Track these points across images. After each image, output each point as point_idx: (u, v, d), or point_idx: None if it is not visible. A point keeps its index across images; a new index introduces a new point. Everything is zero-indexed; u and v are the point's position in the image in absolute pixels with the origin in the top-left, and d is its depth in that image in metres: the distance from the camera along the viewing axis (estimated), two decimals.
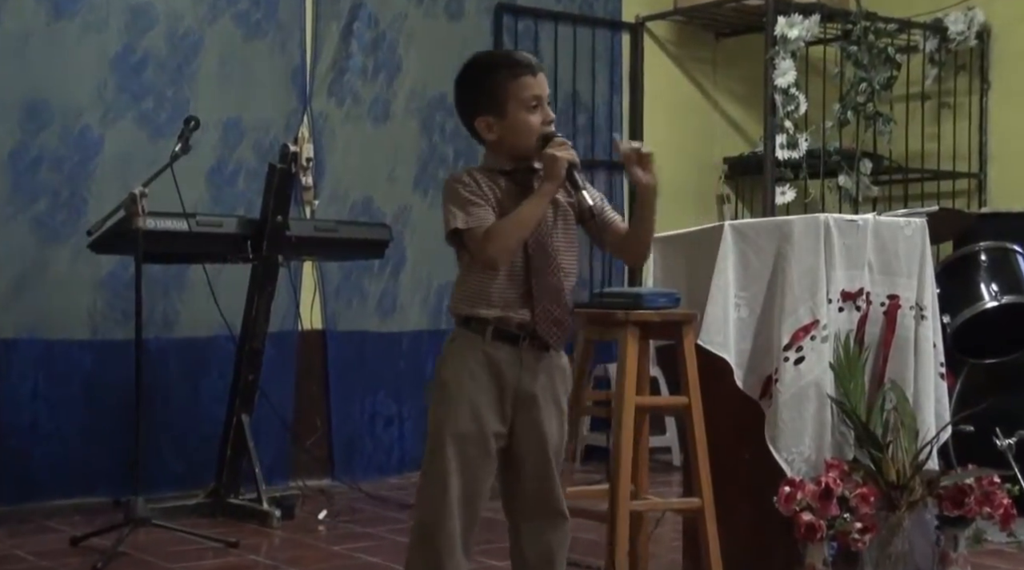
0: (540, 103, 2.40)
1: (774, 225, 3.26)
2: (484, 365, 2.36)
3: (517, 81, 2.38)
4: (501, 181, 2.41)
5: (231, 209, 4.44)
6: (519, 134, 2.38)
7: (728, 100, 6.03)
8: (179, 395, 4.43)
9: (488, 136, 2.41)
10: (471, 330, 2.38)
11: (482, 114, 2.40)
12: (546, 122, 2.40)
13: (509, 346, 2.37)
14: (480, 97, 2.41)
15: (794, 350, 3.11)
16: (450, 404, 2.35)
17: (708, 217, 5.70)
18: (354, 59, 4.90)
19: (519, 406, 2.39)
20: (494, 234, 2.32)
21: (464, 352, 2.37)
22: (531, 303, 2.36)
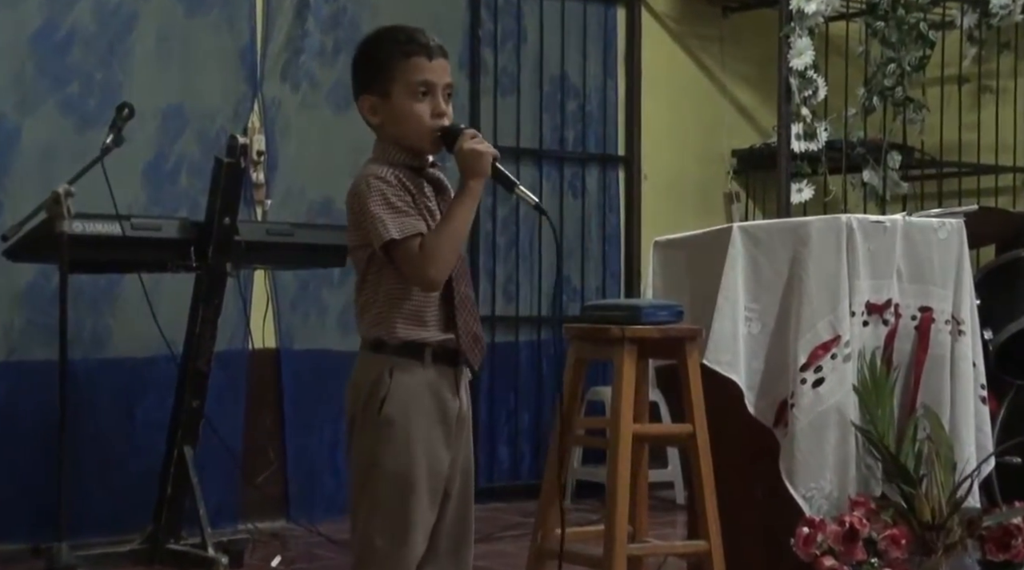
0: (432, 92, 2.38)
1: (789, 227, 3.27)
2: (430, 395, 2.37)
3: (408, 61, 2.37)
4: (413, 175, 2.40)
5: (171, 210, 4.42)
6: (402, 123, 2.37)
7: (737, 84, 6.03)
8: (111, 424, 4.40)
9: (372, 119, 2.40)
10: (408, 356, 2.36)
11: (366, 92, 2.39)
12: (436, 115, 2.38)
13: (446, 368, 2.38)
14: (367, 73, 2.40)
15: (812, 371, 3.12)
16: (404, 446, 2.34)
17: (714, 218, 5.70)
18: (311, 37, 4.88)
19: (457, 435, 2.42)
20: (433, 249, 2.32)
21: (407, 382, 2.34)
22: (454, 320, 2.38)
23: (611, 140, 5.68)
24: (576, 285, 5.54)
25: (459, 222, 2.35)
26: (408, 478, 2.34)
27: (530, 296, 5.43)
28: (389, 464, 2.34)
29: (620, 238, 5.68)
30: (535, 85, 5.47)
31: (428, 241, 2.32)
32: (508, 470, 5.34)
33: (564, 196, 5.54)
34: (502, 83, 5.39)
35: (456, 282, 2.38)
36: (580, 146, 5.57)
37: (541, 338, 5.43)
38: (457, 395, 2.40)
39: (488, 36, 5.32)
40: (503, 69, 5.39)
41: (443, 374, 2.37)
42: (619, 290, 5.63)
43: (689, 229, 3.53)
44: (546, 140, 5.50)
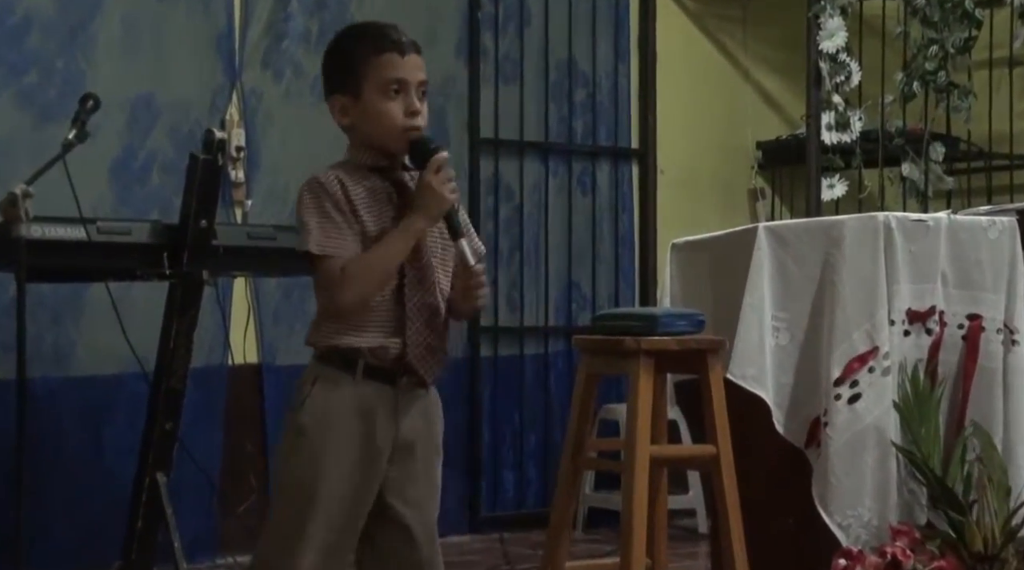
0: (404, 90, 2.45)
1: (820, 227, 3.27)
2: (354, 411, 2.42)
3: (379, 58, 2.45)
4: (370, 180, 2.47)
5: (142, 212, 4.42)
6: (373, 122, 2.45)
7: (762, 70, 6.02)
8: (75, 449, 4.39)
9: (342, 120, 2.49)
10: (335, 366, 2.42)
11: (336, 93, 2.48)
12: (409, 113, 2.45)
13: (384, 385, 2.43)
14: (337, 73, 2.49)
15: (848, 386, 3.12)
16: (311, 458, 2.41)
17: (738, 218, 5.69)
18: (294, 21, 4.88)
19: (396, 460, 2.45)
20: (352, 277, 2.39)
21: (328, 395, 2.42)
22: (403, 328, 2.42)
23: (623, 132, 5.67)
24: (586, 292, 5.53)
25: (390, 255, 2.41)
26: (308, 491, 2.39)
27: (536, 305, 5.42)
28: (292, 473, 2.43)
29: (634, 240, 5.67)
30: (540, 72, 5.46)
31: (351, 266, 2.39)
32: (513, 497, 5.33)
33: (572, 194, 5.53)
34: (504, 70, 5.38)
35: (409, 288, 2.43)
36: (590, 139, 5.56)
37: (549, 351, 5.43)
38: (394, 420, 2.43)
39: (488, 19, 5.32)
40: (505, 55, 5.39)
41: (377, 391, 2.42)
42: (633, 297, 5.63)
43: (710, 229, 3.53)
44: (552, 132, 5.49)
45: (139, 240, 3.93)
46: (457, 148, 5.24)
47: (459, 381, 5.19)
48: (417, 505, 2.48)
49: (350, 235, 2.41)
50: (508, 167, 5.40)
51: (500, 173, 5.35)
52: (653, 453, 3.05)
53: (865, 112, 5.22)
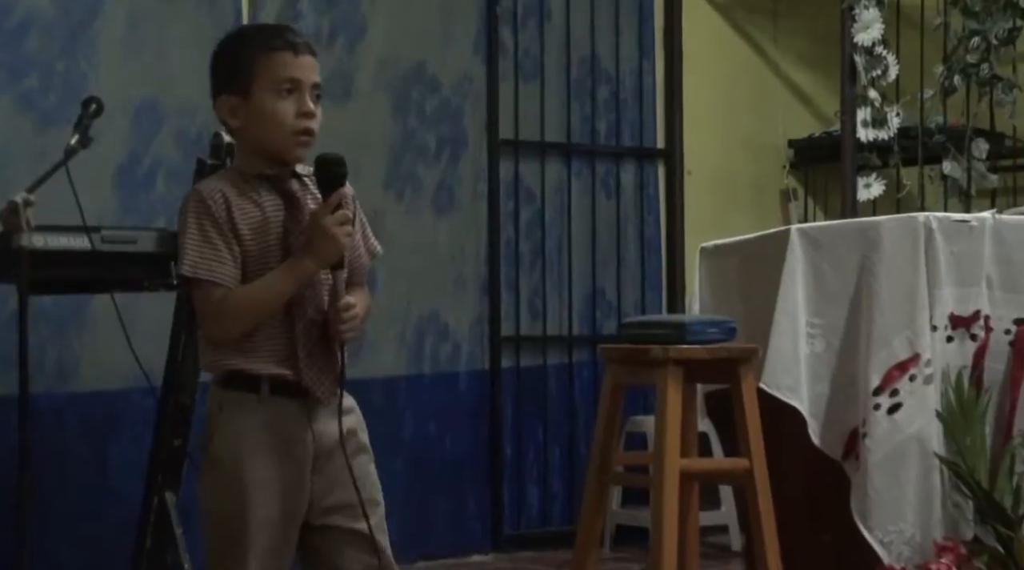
0: (298, 90, 2.44)
1: (857, 229, 3.26)
2: (267, 431, 2.42)
3: (270, 56, 2.44)
4: (261, 190, 2.46)
5: (148, 220, 4.43)
6: (264, 123, 2.44)
7: (794, 64, 6.01)
8: (80, 467, 4.40)
9: (231, 122, 2.48)
10: (239, 389, 2.42)
11: (225, 92, 2.48)
12: (302, 115, 2.44)
13: (291, 402, 2.43)
14: (225, 71, 2.48)
15: (887, 395, 3.11)
16: (234, 489, 2.41)
17: (769, 220, 5.68)
18: (304, 19, 4.89)
19: (318, 469, 2.46)
20: (227, 313, 2.39)
21: (236, 420, 2.42)
22: (294, 352, 2.41)
23: (649, 131, 5.66)
24: (611, 299, 5.52)
25: (273, 295, 2.39)
26: (240, 522, 2.40)
27: (559, 313, 5.41)
28: (216, 509, 2.43)
29: (661, 244, 5.67)
30: (561, 69, 5.46)
31: (231, 299, 2.39)
32: (538, 514, 5.32)
33: (596, 196, 5.52)
34: (524, 67, 5.38)
35: (297, 309, 2.41)
36: (614, 139, 5.56)
37: (573, 361, 5.42)
38: (310, 426, 2.43)
39: (507, 14, 5.32)
40: (525, 51, 5.39)
41: (286, 407, 2.42)
42: (661, 304, 5.62)
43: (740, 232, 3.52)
44: (575, 132, 5.48)
45: (145, 249, 3.93)
46: (475, 149, 5.24)
47: (480, 393, 5.19)
48: (348, 509, 2.46)
49: (229, 259, 2.40)
50: (529, 169, 5.40)
51: (520, 175, 5.35)
52: (683, 467, 3.04)
53: (903, 107, 5.20)
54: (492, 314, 5.20)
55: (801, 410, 3.16)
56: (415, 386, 4.99)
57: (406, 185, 5.05)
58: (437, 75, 5.16)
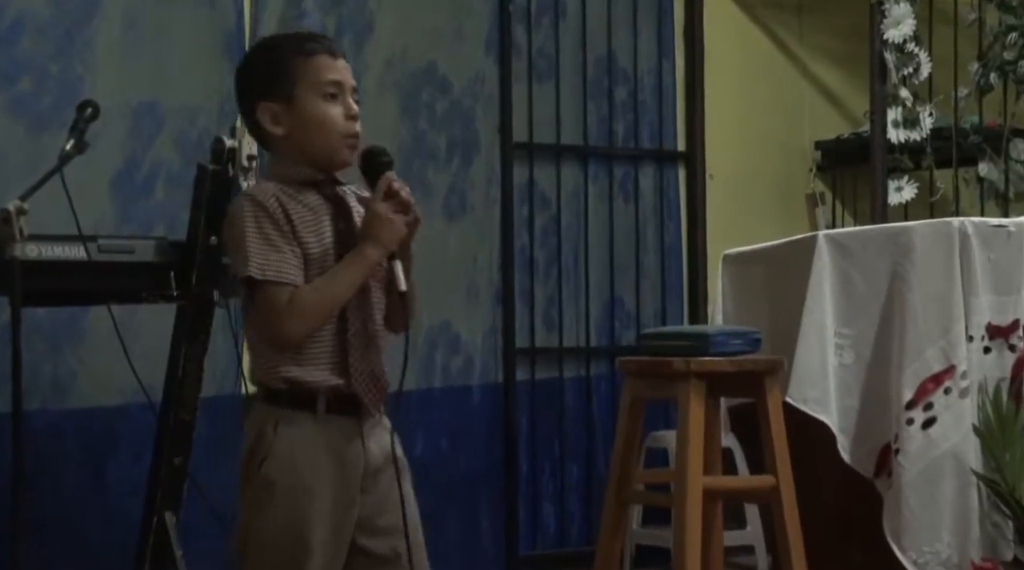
0: (341, 92, 2.51)
1: (887, 234, 3.26)
2: (326, 452, 2.46)
3: (309, 60, 2.51)
4: (307, 197, 2.50)
5: (146, 229, 4.44)
6: (313, 128, 2.49)
7: (821, 62, 6.00)
8: (76, 486, 4.39)
9: (274, 129, 2.52)
10: (293, 406, 2.46)
11: (264, 99, 2.52)
12: (349, 117, 2.51)
13: (345, 417, 2.48)
14: (263, 79, 2.52)
15: (921, 408, 3.11)
16: (293, 511, 2.44)
17: (796, 225, 5.67)
18: (309, 18, 4.89)
19: (367, 487, 2.51)
20: (301, 310, 2.42)
21: (293, 439, 2.45)
22: (346, 358, 2.47)
23: (669, 133, 5.66)
24: (630, 309, 5.52)
25: (341, 288, 2.44)
26: (297, 553, 2.42)
27: (576, 323, 5.41)
28: (272, 535, 2.44)
29: (682, 251, 5.66)
30: (577, 69, 5.46)
31: (301, 297, 2.42)
32: (554, 534, 5.31)
33: (614, 201, 5.52)
34: (538, 67, 5.38)
35: (351, 314, 2.47)
36: (632, 141, 5.55)
37: (590, 374, 5.41)
38: (364, 446, 2.48)
39: (520, 11, 5.32)
40: (539, 50, 5.39)
41: (342, 424, 2.47)
42: (682, 314, 5.60)
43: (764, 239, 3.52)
44: (591, 134, 5.48)
45: (143, 259, 3.94)
46: (487, 153, 5.24)
47: (493, 407, 5.18)
48: (394, 531, 2.52)
49: (293, 259, 2.45)
50: (543, 173, 5.39)
51: (535, 180, 5.35)
52: (706, 485, 3.04)
53: (936, 107, 5.19)
54: (506, 325, 5.19)
55: (830, 425, 3.16)
56: (425, 400, 4.98)
57: (415, 190, 4.95)
58: (447, 75, 5.16)
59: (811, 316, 3.17)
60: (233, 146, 4.07)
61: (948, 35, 5.28)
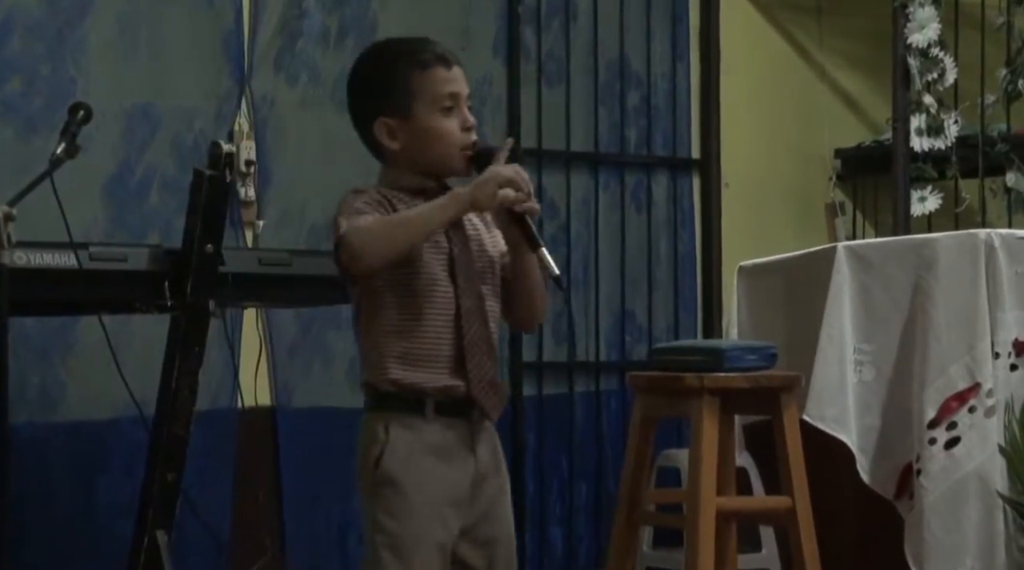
0: (458, 103, 2.59)
1: (910, 246, 3.26)
2: (435, 455, 2.54)
3: (426, 73, 2.59)
4: (416, 204, 2.56)
5: (139, 236, 4.44)
6: (430, 142, 2.57)
7: (841, 66, 6.00)
8: (65, 504, 4.40)
9: (390, 145, 2.60)
10: (402, 409, 2.53)
11: (381, 115, 2.59)
12: (466, 128, 2.59)
13: (457, 422, 2.56)
14: (378, 94, 2.59)
15: (944, 428, 3.11)
16: (411, 508, 2.50)
17: (814, 236, 5.66)
18: (311, 18, 4.90)
19: (474, 497, 2.58)
20: (373, 234, 2.46)
21: (408, 438, 2.53)
22: (463, 364, 2.53)
23: (683, 140, 5.66)
24: (641, 322, 5.51)
25: (418, 219, 2.47)
26: (413, 544, 2.49)
27: (586, 337, 5.40)
28: (390, 528, 2.51)
29: (696, 262, 5.66)
30: (588, 72, 5.46)
31: (378, 221, 2.48)
32: (562, 556, 5.30)
33: (626, 210, 5.52)
34: (547, 70, 5.38)
35: (466, 320, 2.53)
36: (644, 148, 5.55)
37: (600, 389, 5.40)
38: (473, 451, 2.57)
39: (530, 12, 5.32)
40: (548, 53, 5.39)
41: (452, 427, 2.55)
42: (695, 328, 5.60)
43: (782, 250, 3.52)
44: (603, 141, 5.48)
45: (136, 267, 3.93)
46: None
47: (500, 423, 5.12)
48: (494, 543, 2.60)
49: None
50: (553, 180, 5.39)
51: (543, 187, 5.34)
52: (720, 506, 3.04)
53: (962, 114, 5.18)
54: (512, 337, 5.19)
55: (849, 444, 3.16)
56: None
57: None
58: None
59: (830, 331, 3.17)
60: (231, 151, 4.07)
61: (975, 40, 5.27)
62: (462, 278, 2.56)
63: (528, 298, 2.65)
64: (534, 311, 2.68)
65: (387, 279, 2.54)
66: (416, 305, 2.53)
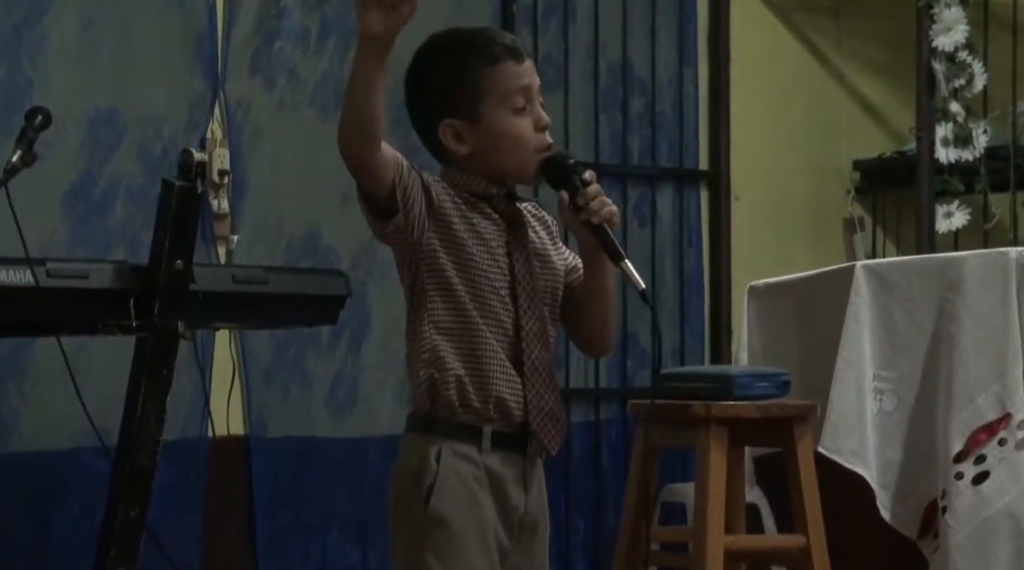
0: (531, 100, 2.53)
1: (935, 266, 3.26)
2: (490, 491, 2.48)
3: (496, 69, 2.52)
4: (482, 206, 2.54)
5: (103, 251, 4.44)
6: (505, 145, 2.52)
7: (861, 71, 6.01)
8: (19, 540, 4.38)
9: (458, 149, 2.54)
10: (456, 436, 2.46)
11: (447, 117, 2.53)
12: (539, 128, 2.53)
13: (513, 456, 2.50)
14: (444, 93, 2.53)
15: (972, 461, 3.10)
16: (459, 551, 2.45)
17: (831, 254, 5.65)
18: (289, 18, 4.90)
19: (519, 540, 2.52)
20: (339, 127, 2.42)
21: (461, 471, 2.46)
22: (522, 389, 2.48)
23: (690, 150, 5.66)
24: (644, 346, 5.50)
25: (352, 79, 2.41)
26: None
27: (584, 362, 5.39)
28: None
29: (703, 282, 5.66)
30: (588, 77, 5.46)
31: None
32: None
33: (628, 224, 5.51)
34: (545, 74, 5.34)
35: (527, 343, 2.49)
36: (649, 158, 5.55)
37: (600, 418, 5.40)
38: (526, 490, 2.51)
39: (525, 12, 5.33)
40: (546, 56, 5.39)
41: (509, 463, 2.49)
42: (703, 353, 5.60)
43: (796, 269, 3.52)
44: (603, 151, 5.48)
45: (99, 285, 3.92)
46: None
47: None
48: None
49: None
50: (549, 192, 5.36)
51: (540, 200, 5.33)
52: (728, 545, 3.03)
53: (991, 124, 5.18)
54: None
55: (868, 479, 3.15)
56: None
57: None
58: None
59: (847, 356, 3.17)
60: (203, 159, 4.06)
61: (1006, 42, 5.29)
62: (524, 298, 2.52)
63: (604, 317, 2.62)
64: (609, 331, 2.65)
65: (444, 297, 2.49)
66: (474, 326, 2.48)
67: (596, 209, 2.52)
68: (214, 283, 4.12)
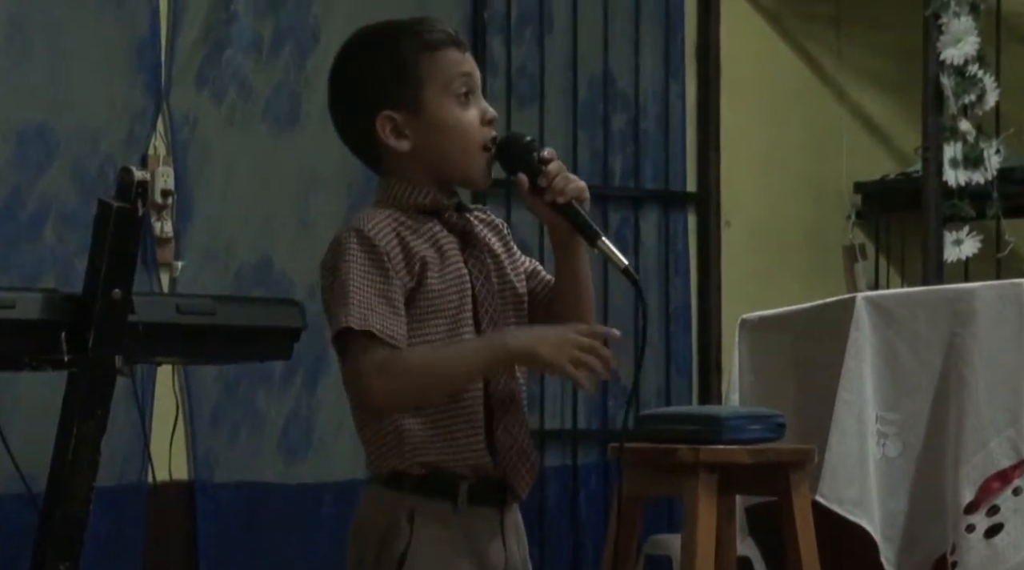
0: (474, 91, 2.50)
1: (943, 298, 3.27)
2: (467, 552, 2.47)
3: (437, 55, 2.49)
4: (431, 227, 2.48)
5: (32, 279, 4.45)
6: (448, 138, 2.47)
7: (862, 86, 6.03)
8: None
9: (398, 145, 2.48)
10: (435, 494, 2.43)
11: (384, 108, 2.48)
12: (486, 121, 2.49)
13: (490, 510, 2.48)
14: (381, 82, 2.49)
15: (984, 513, 3.11)
16: None
17: (830, 284, 5.67)
18: (239, 24, 4.91)
19: None
20: (399, 372, 2.37)
21: (434, 535, 2.44)
22: (491, 429, 2.45)
23: (677, 170, 5.67)
24: (626, 384, 5.49)
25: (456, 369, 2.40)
26: None
27: (561, 401, 5.39)
28: None
29: (691, 314, 5.67)
30: (566, 91, 5.47)
31: (402, 358, 2.37)
32: None
33: None
34: (519, 88, 5.39)
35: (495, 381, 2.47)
36: (632, 179, 5.57)
37: (577, 463, 5.40)
38: (504, 545, 2.51)
39: (499, 20, 5.35)
40: (520, 68, 5.40)
41: (483, 518, 2.47)
42: (690, 392, 5.61)
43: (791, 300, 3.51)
44: (583, 170, 5.47)
45: (26, 316, 3.90)
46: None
47: None
48: None
49: (404, 320, 2.40)
50: (524, 217, 5.35)
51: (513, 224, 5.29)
52: None
53: (1004, 143, 5.20)
54: None
55: (871, 531, 3.15)
56: None
57: None
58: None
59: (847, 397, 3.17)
60: (144, 178, 4.04)
61: (1019, 56, 5.31)
62: (487, 321, 2.48)
63: (585, 309, 2.63)
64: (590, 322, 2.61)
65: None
66: None
67: (561, 187, 2.50)
68: (156, 314, 4.10)
